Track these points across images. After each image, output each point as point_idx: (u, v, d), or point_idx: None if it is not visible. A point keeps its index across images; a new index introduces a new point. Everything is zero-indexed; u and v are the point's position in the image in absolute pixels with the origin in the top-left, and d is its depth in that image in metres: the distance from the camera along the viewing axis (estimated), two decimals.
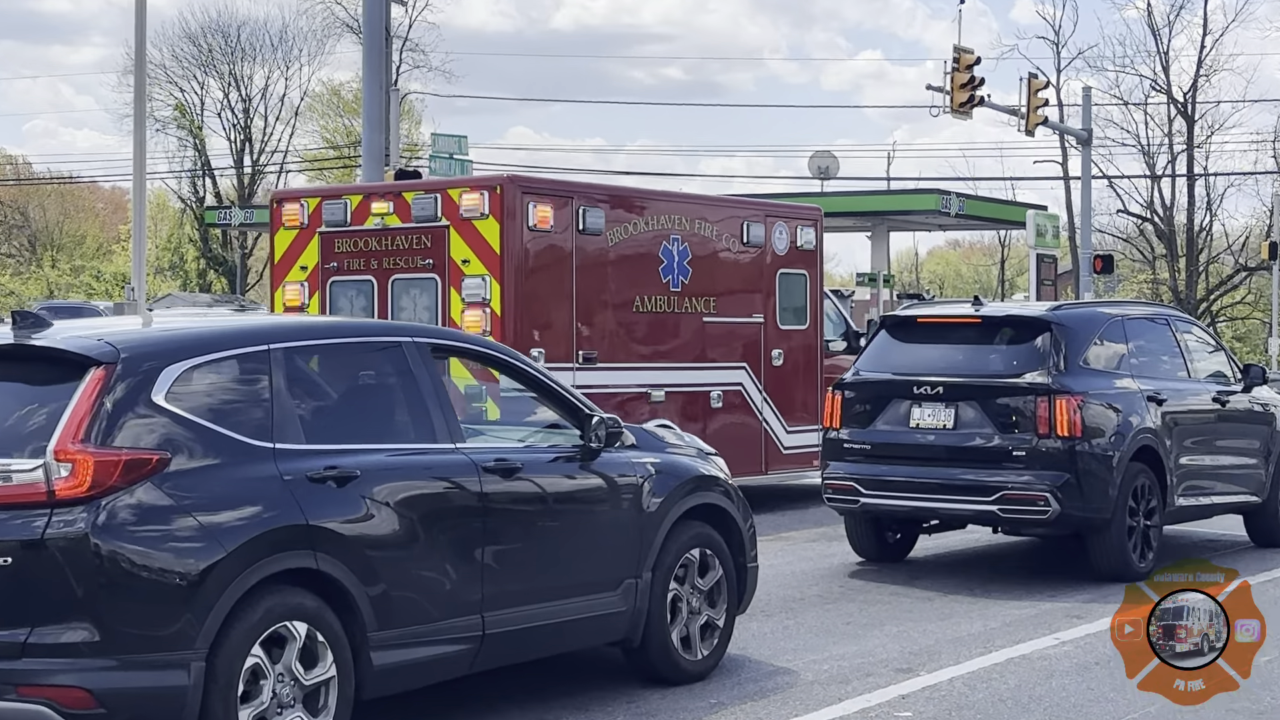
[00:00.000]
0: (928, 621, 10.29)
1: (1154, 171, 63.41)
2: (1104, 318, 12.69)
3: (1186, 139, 62.65)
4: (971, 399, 11.86)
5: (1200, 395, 13.19)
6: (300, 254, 15.03)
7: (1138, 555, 11.91)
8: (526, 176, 15.25)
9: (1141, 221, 64.90)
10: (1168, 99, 62.79)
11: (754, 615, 9.94)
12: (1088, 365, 12.10)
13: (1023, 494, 11.57)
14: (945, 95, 33.41)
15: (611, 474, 8.20)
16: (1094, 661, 9.09)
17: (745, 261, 16.57)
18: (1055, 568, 12.63)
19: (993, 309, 12.75)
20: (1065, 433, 11.52)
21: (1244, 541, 13.99)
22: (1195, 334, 13.91)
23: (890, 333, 12.77)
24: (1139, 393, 12.24)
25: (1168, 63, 63.03)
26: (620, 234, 15.13)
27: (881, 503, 12.25)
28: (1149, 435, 12.10)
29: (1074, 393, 11.63)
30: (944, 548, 13.64)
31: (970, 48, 33.60)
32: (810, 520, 15.32)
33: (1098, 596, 11.20)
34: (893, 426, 12.18)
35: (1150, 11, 63.45)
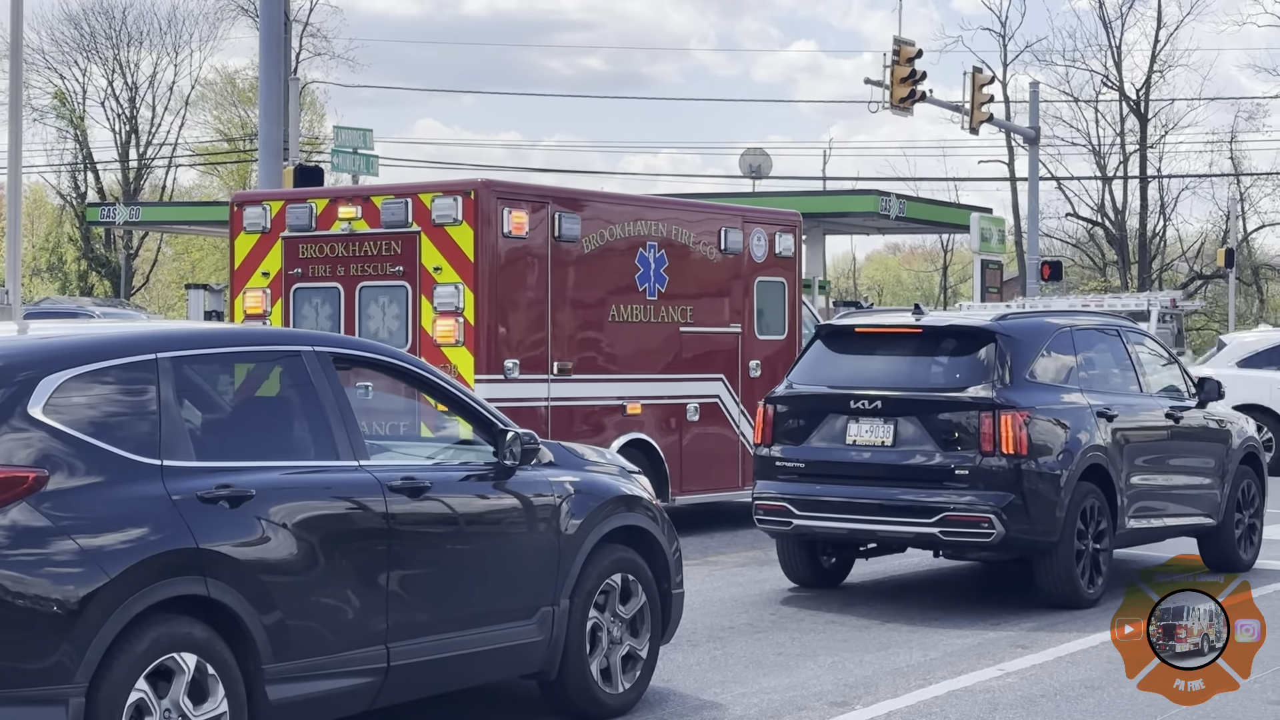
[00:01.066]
0: (864, 651, 10.35)
1: (1105, 173, 64.19)
2: (1051, 328, 12.82)
3: (1139, 138, 63.46)
4: (912, 414, 11.95)
5: (1152, 411, 13.35)
6: (262, 260, 15.31)
7: (1086, 581, 12.05)
8: (502, 181, 15.61)
9: (1092, 226, 65.68)
10: (1120, 96, 63.60)
11: (679, 645, 9.97)
12: (1034, 378, 12.22)
13: (965, 515, 11.66)
14: (884, 90, 33.68)
15: (527, 493, 8.20)
16: (1040, 694, 9.19)
17: (723, 269, 17.01)
18: (1000, 594, 12.74)
19: (934, 319, 12.85)
20: (1010, 450, 11.63)
21: (1197, 566, 14.15)
22: (1147, 346, 14.08)
23: (826, 343, 12.84)
24: (1088, 408, 12.37)
25: (1120, 57, 63.88)
26: (596, 241, 15.55)
27: (816, 525, 12.30)
28: (1099, 453, 12.23)
29: (1020, 407, 11.74)
30: (882, 572, 13.73)
31: (911, 40, 33.93)
32: (741, 543, 15.38)
33: (1044, 625, 11.31)
34: (828, 443, 12.25)
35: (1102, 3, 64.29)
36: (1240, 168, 65.49)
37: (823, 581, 13.02)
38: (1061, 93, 63.91)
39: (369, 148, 30.58)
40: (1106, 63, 64.03)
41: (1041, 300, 36.36)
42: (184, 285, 60.57)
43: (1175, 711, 8.84)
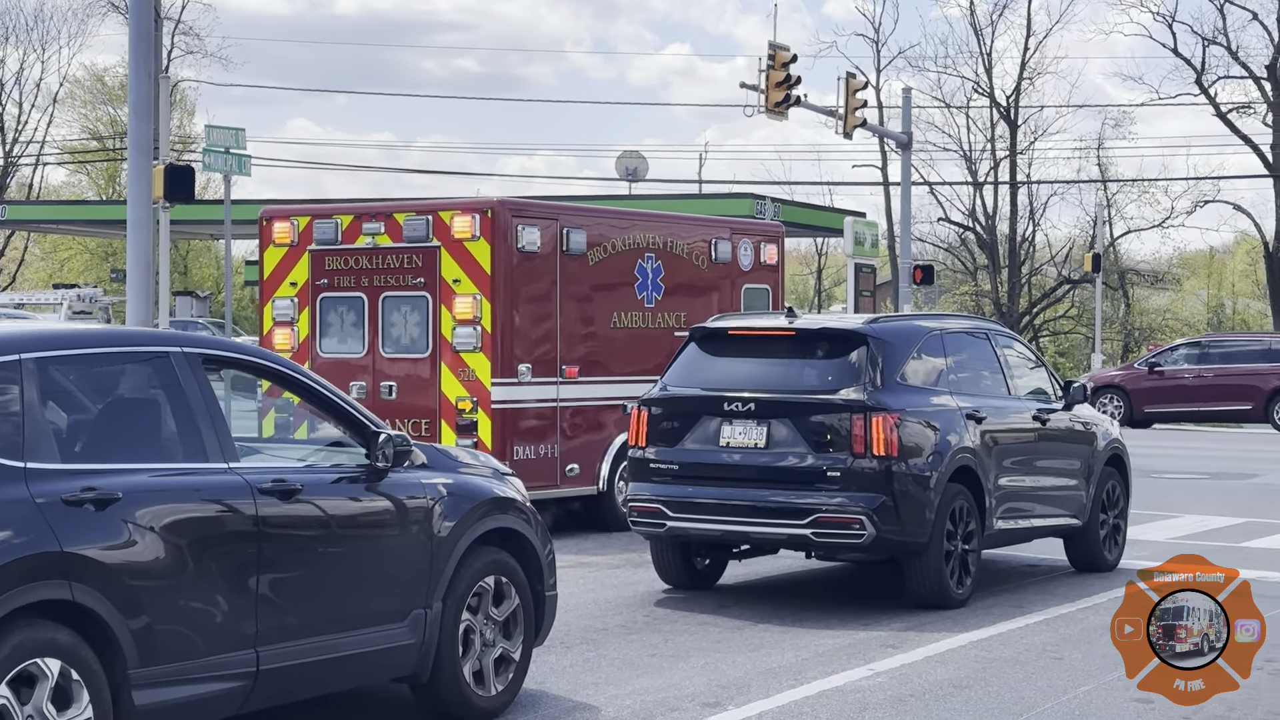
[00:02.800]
0: (737, 652, 10.41)
1: (976, 178, 65.01)
2: (922, 331, 12.96)
3: (1009, 145, 64.33)
4: (784, 416, 12.03)
5: (1021, 413, 13.54)
6: (290, 271, 16.44)
7: (955, 581, 12.20)
8: (516, 200, 16.95)
9: (963, 230, 66.49)
10: (990, 102, 64.43)
11: (553, 647, 9.97)
12: (905, 381, 12.35)
13: (837, 517, 11.76)
14: (759, 94, 33.84)
15: (399, 495, 8.17)
16: (909, 694, 9.29)
17: (714, 277, 18.25)
18: (870, 595, 12.87)
19: (807, 321, 12.93)
20: (881, 452, 11.74)
21: (1064, 566, 14.40)
22: (1016, 349, 14.28)
23: (699, 345, 12.89)
24: (957, 410, 12.52)
25: (990, 65, 64.71)
26: (600, 254, 16.76)
27: (689, 526, 12.35)
28: (968, 455, 12.39)
29: (891, 410, 11.86)
30: (755, 574, 13.81)
31: (786, 44, 34.09)
32: (615, 545, 15.40)
33: (914, 625, 11.44)
34: (702, 445, 12.30)
35: (973, 11, 65.10)
36: (1107, 174, 66.60)
37: (696, 583, 13.07)
38: (934, 99, 64.66)
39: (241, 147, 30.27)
40: (977, 69, 64.86)
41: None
42: (52, 285, 59.50)
43: (1041, 709, 8.99)
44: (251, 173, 32.91)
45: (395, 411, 15.47)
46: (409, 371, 15.92)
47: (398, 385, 15.87)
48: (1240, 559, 15.15)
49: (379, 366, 16.05)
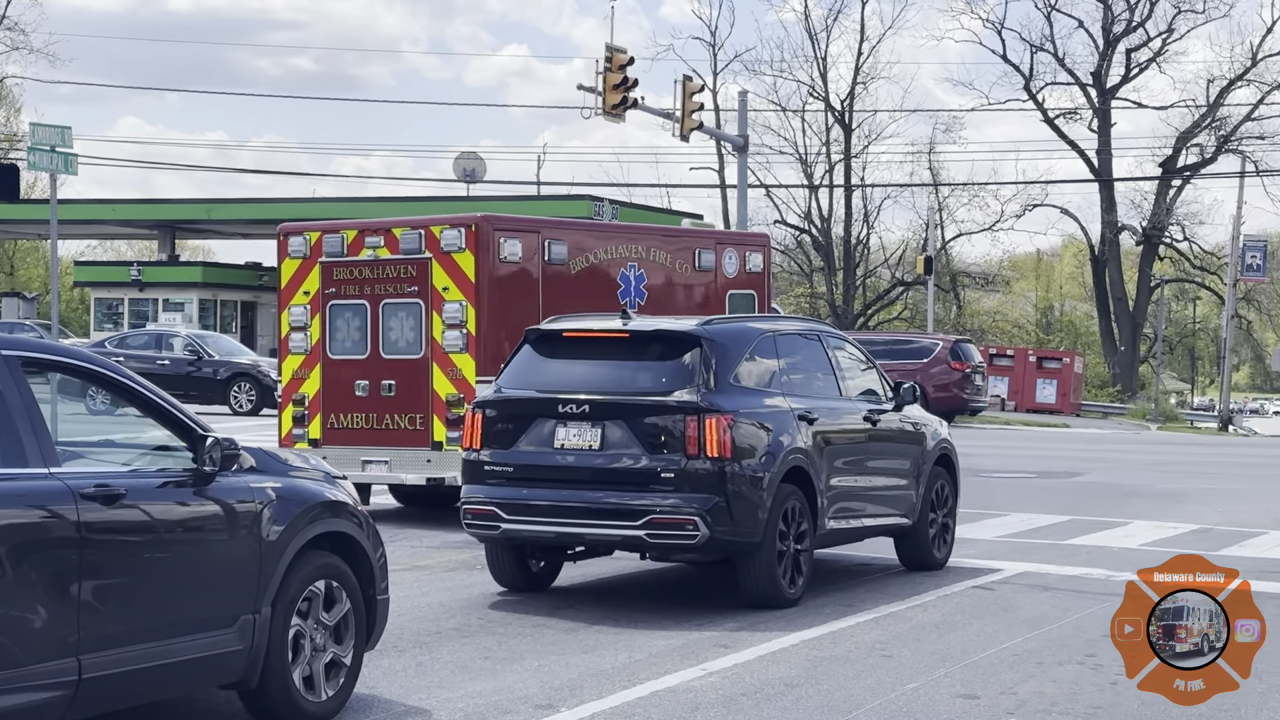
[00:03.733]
0: (571, 654, 10.42)
1: (811, 181, 65.71)
2: (755, 333, 13.05)
3: (844, 148, 65.13)
4: (619, 418, 12.05)
5: (852, 414, 13.70)
6: (303, 281, 17.84)
7: (788, 581, 12.31)
8: (499, 216, 18.23)
9: (799, 233, 67.22)
10: (825, 106, 65.19)
11: (385, 651, 9.90)
12: (739, 383, 12.43)
13: (671, 518, 11.81)
14: (597, 96, 33.92)
15: (227, 500, 8.05)
16: (740, 693, 9.36)
17: (698, 284, 19.79)
18: (704, 595, 12.94)
19: (641, 323, 12.95)
20: (715, 453, 11.81)
21: (894, 564, 14.60)
22: (848, 350, 14.44)
23: (534, 347, 12.88)
24: (790, 411, 12.64)
25: (825, 69, 65.51)
26: (582, 263, 18.18)
27: (524, 529, 12.33)
28: (800, 456, 12.51)
29: (724, 411, 11.94)
30: (590, 575, 13.83)
31: (623, 47, 34.22)
32: (451, 548, 15.32)
33: (747, 625, 11.53)
34: (536, 447, 12.28)
35: (808, 16, 65.85)
36: (939, 178, 67.73)
37: (531, 585, 13.05)
38: (770, 102, 65.32)
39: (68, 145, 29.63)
40: (813, 74, 65.64)
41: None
42: None
43: (870, 706, 9.11)
44: (79, 171, 32.27)
45: (394, 408, 17.14)
46: (405, 371, 17.16)
47: (396, 384, 17.17)
48: (1065, 556, 15.52)
49: (379, 367, 17.31)
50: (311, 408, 17.66)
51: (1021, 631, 11.43)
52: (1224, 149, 62.24)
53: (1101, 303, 68.57)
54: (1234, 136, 61.89)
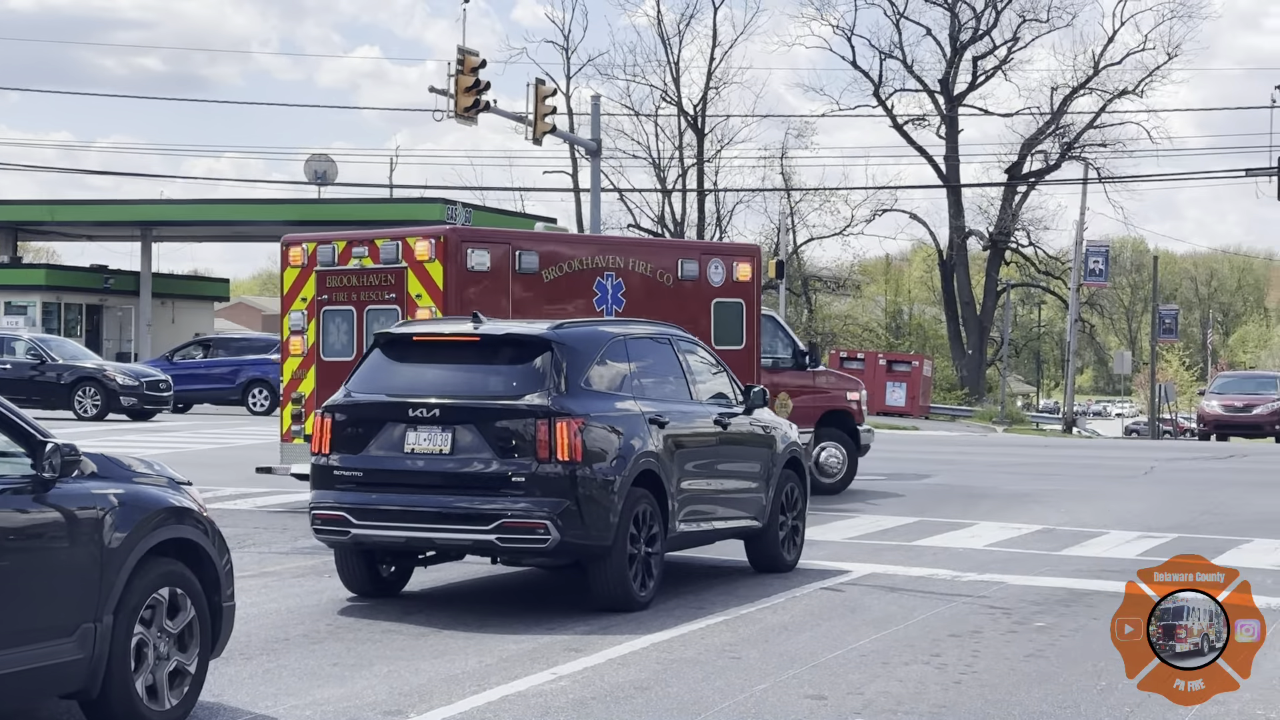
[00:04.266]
0: (421, 660, 10.36)
1: (665, 185, 65.96)
2: (606, 336, 13.07)
3: (697, 153, 65.47)
4: (470, 422, 12.01)
5: (703, 418, 13.77)
6: (302, 288, 19.23)
7: (639, 584, 12.34)
8: (467, 228, 20.12)
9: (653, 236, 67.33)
10: (678, 111, 65.50)
11: (231, 659, 9.78)
12: (589, 386, 12.44)
13: (522, 522, 11.79)
14: (449, 99, 33.76)
15: (68, 506, 7.90)
16: (591, 696, 9.37)
17: (680, 292, 20.82)
18: (556, 599, 12.94)
19: (492, 327, 12.90)
20: (566, 457, 11.82)
21: (745, 566, 14.70)
22: (699, 354, 14.51)
23: (384, 351, 12.78)
24: (641, 415, 12.67)
25: (678, 74, 65.85)
26: (555, 272, 19.30)
27: (374, 534, 12.24)
28: (651, 459, 12.55)
29: (575, 415, 11.94)
30: (442, 580, 13.76)
31: (475, 50, 34.09)
32: (300, 554, 15.17)
33: (598, 628, 11.54)
34: (386, 452, 12.20)
35: (660, 20, 66.10)
36: (790, 183, 68.27)
37: (382, 590, 12.96)
38: (623, 106, 65.50)
39: None
40: (665, 78, 65.94)
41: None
42: None
43: (718, 709, 9.16)
44: None
45: None
46: None
47: None
48: (912, 557, 15.72)
49: None
50: (308, 406, 18.53)
51: (869, 632, 11.56)
52: (1067, 156, 63.46)
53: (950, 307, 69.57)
54: (1077, 143, 63.12)
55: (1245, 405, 49.81)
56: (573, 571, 12.88)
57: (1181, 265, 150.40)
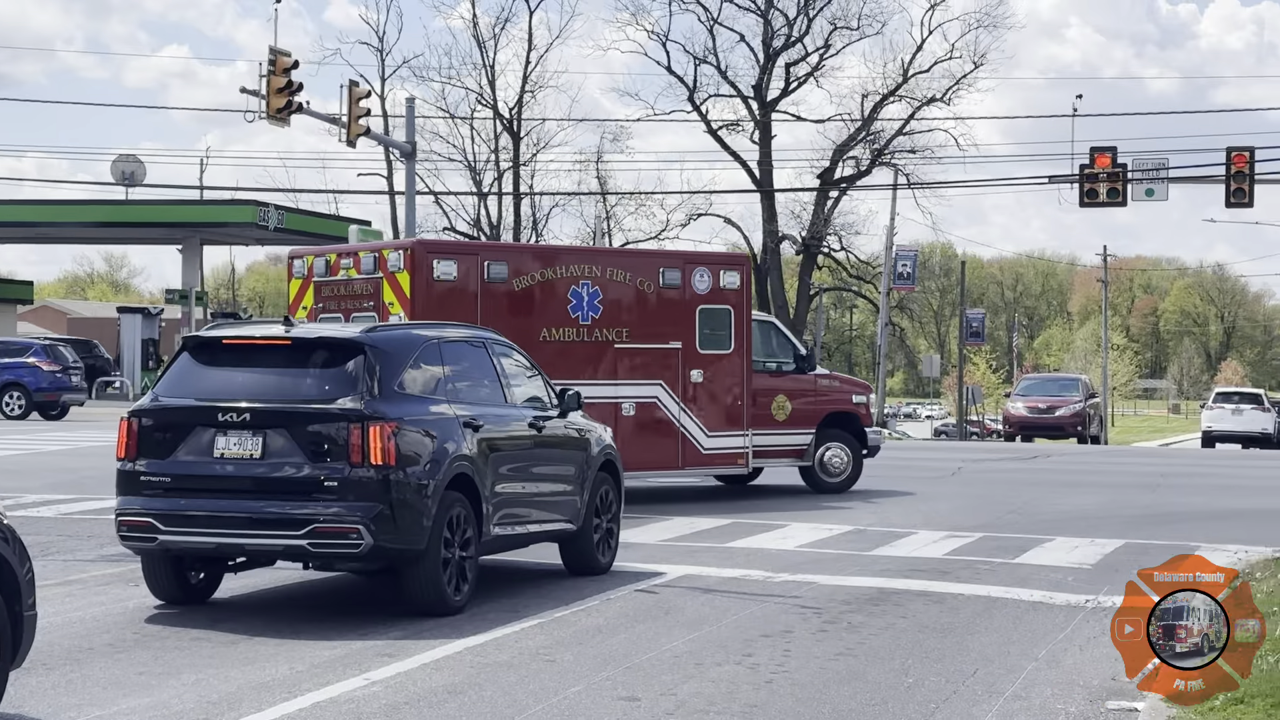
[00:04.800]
0: (230, 667, 10.21)
1: (481, 188, 65.73)
2: (420, 340, 12.99)
3: (513, 156, 65.35)
4: (281, 426, 11.85)
5: (518, 421, 13.75)
6: (304, 297, 21.00)
7: (453, 588, 12.29)
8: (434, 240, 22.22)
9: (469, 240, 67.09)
10: (494, 114, 65.30)
11: (33, 669, 9.56)
12: (403, 390, 12.36)
13: (334, 527, 11.67)
14: (260, 100, 33.32)
15: None
16: (404, 701, 9.31)
17: (662, 300, 21.95)
18: (369, 604, 12.83)
19: (304, 330, 12.75)
20: (379, 461, 11.73)
21: (560, 569, 14.70)
22: (513, 358, 14.49)
23: (193, 355, 12.57)
24: (455, 418, 12.62)
25: (494, 77, 65.65)
26: (526, 281, 20.74)
27: (182, 540, 12.03)
28: (465, 463, 12.50)
29: (388, 419, 11.85)
30: (252, 587, 13.58)
31: (287, 50, 33.68)
32: (106, 561, 14.87)
33: (411, 633, 11.47)
34: (195, 457, 12.00)
35: (476, 23, 65.89)
36: (606, 187, 68.41)
37: (191, 598, 12.74)
38: (439, 109, 65.10)
39: None
40: (481, 81, 65.66)
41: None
42: None
43: (532, 712, 9.15)
44: None
45: None
46: None
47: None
48: (725, 558, 15.86)
49: None
50: None
51: (682, 633, 11.63)
52: (878, 162, 64.37)
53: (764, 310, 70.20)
54: (887, 150, 64.08)
55: (1049, 407, 50.98)
56: (386, 576, 12.78)
57: (988, 270, 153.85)
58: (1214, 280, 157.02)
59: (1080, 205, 45.32)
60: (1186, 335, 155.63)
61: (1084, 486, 26.07)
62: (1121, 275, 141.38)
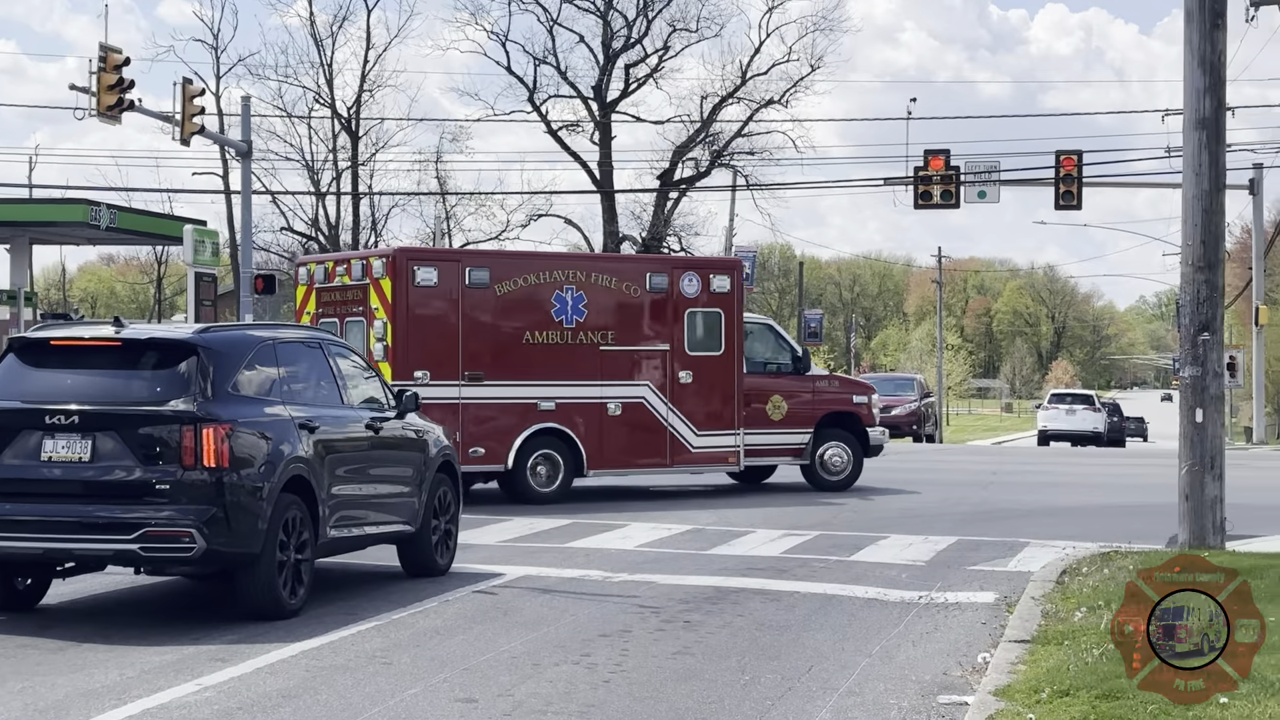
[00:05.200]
0: (58, 674, 10.00)
1: (319, 188, 65.08)
2: (255, 341, 12.83)
3: (351, 156, 64.78)
4: (111, 429, 11.64)
5: (355, 423, 13.63)
6: (308, 302, 22.57)
7: (288, 591, 12.15)
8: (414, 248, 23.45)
9: (307, 240, 66.39)
10: (332, 113, 64.68)
11: None
12: (238, 391, 12.20)
13: (166, 530, 11.49)
14: (91, 97, 32.70)
15: None
16: (237, 707, 9.19)
17: (648, 303, 22.84)
18: (202, 609, 12.66)
19: (135, 331, 12.52)
20: (212, 463, 11.57)
21: (398, 571, 14.60)
22: (350, 359, 14.37)
23: (19, 357, 12.29)
24: (291, 420, 12.48)
25: (331, 75, 64.97)
26: (509, 286, 21.86)
27: (8, 545, 11.73)
28: (301, 465, 12.36)
29: (222, 421, 11.69)
30: (83, 592, 13.32)
31: (119, 46, 33.06)
32: None
33: (245, 637, 11.32)
34: (22, 460, 11.73)
35: (313, 21, 65.22)
36: (446, 187, 68.08)
37: (17, 604, 12.48)
38: (275, 108, 64.26)
39: None
40: (319, 80, 64.96)
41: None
42: None
43: (368, 715, 9.08)
44: None
45: None
46: None
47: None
48: (565, 558, 15.89)
49: None
50: None
51: (521, 634, 11.62)
52: (717, 163, 64.71)
53: None
54: (726, 151, 64.46)
55: (885, 406, 51.38)
56: (220, 580, 12.61)
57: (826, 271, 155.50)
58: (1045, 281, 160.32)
59: (915, 207, 46.08)
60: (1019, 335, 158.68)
61: (919, 484, 26.47)
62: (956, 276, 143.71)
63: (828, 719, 9.17)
